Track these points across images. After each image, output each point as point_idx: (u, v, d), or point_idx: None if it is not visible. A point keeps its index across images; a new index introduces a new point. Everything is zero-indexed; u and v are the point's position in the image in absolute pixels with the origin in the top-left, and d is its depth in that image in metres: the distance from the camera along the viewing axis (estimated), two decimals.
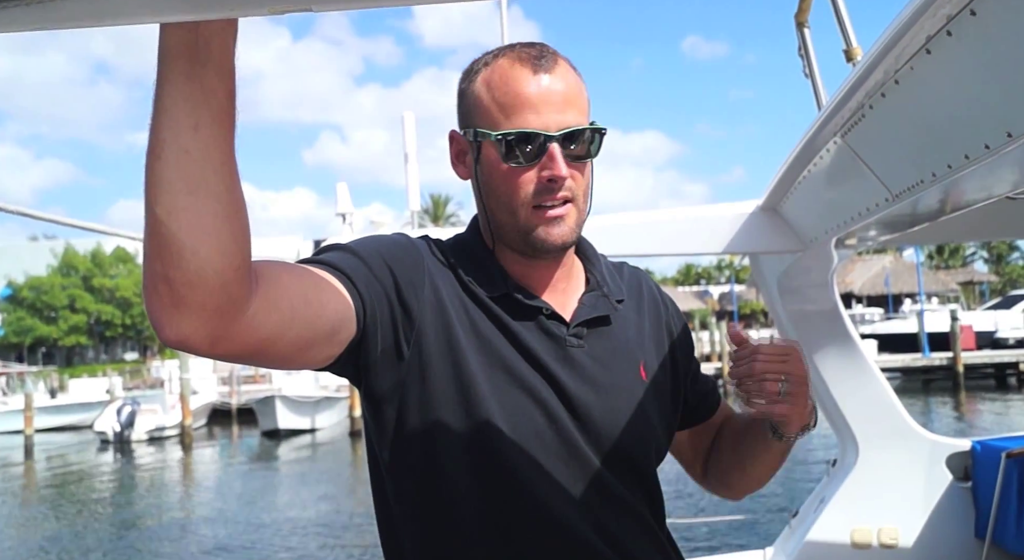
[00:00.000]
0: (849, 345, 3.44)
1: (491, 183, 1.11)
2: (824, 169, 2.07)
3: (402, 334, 1.04)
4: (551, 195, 1.08)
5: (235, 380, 28.10)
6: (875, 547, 3.45)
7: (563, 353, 1.12)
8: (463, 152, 1.15)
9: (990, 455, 3.43)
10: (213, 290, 0.76)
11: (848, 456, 3.57)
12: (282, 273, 0.89)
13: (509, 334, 1.10)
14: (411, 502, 1.10)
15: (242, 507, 13.56)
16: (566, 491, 1.09)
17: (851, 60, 1.95)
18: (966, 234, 3.32)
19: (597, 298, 1.18)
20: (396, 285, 1.03)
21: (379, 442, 1.11)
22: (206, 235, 0.74)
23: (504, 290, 1.12)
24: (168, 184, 0.72)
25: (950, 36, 1.18)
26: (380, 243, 1.08)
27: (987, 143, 1.25)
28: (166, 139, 0.71)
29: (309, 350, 0.93)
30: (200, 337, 0.78)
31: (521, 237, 1.10)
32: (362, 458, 18.83)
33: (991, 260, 65.90)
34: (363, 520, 12.12)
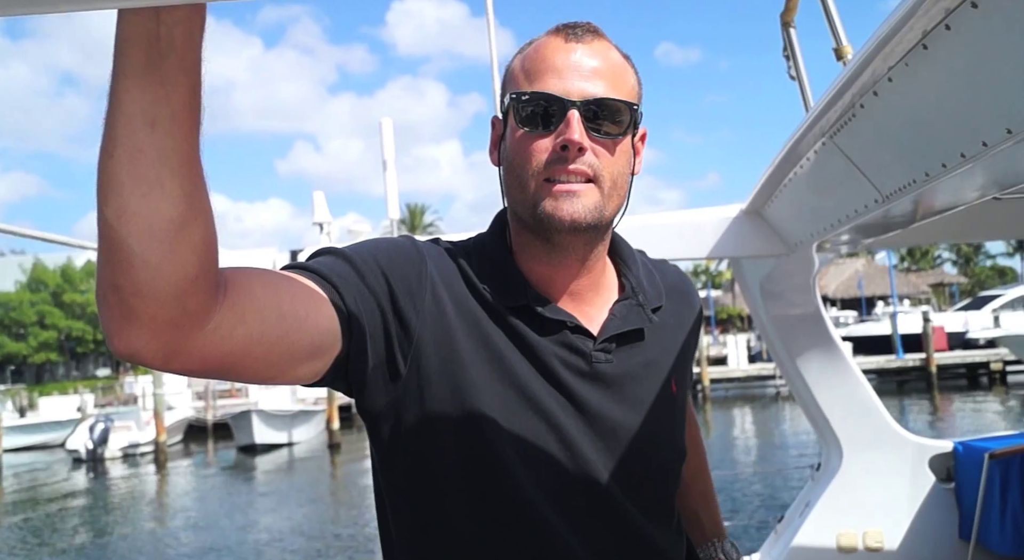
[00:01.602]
0: (832, 348, 3.44)
1: (509, 155, 1.02)
2: (811, 171, 2.06)
3: (398, 350, 0.95)
4: (564, 166, 0.97)
5: (211, 395, 27.70)
6: (861, 551, 3.44)
7: (588, 370, 1.02)
8: (499, 136, 1.06)
9: (972, 456, 3.45)
10: (164, 302, 0.70)
11: (832, 460, 3.56)
12: (255, 283, 0.81)
13: (527, 350, 1.00)
14: (409, 530, 1.02)
15: (218, 525, 13.33)
16: (581, 528, 1.00)
17: (841, 58, 1.93)
18: (948, 236, 3.34)
19: (630, 308, 1.07)
20: (392, 296, 0.94)
21: (378, 457, 1.04)
22: (158, 242, 0.67)
23: (524, 300, 1.02)
24: (119, 185, 0.66)
25: (949, 30, 1.16)
26: (378, 248, 0.98)
27: (985, 140, 1.23)
28: (119, 136, 0.65)
29: (285, 366, 0.85)
30: (151, 351, 0.72)
31: (531, 214, 0.99)
32: (341, 473, 18.66)
33: (959, 262, 67.00)
34: (343, 535, 11.97)
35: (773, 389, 28.53)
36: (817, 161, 1.99)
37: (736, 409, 25.63)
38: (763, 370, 30.05)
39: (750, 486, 12.47)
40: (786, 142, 2.06)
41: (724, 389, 30.24)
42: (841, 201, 1.97)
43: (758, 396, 28.90)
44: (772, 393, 28.38)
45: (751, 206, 2.61)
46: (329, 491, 16.44)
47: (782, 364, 3.50)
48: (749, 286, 3.38)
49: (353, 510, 13.84)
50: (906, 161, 1.54)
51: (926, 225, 2.18)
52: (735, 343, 32.49)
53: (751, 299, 3.43)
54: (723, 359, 32.30)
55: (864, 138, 1.67)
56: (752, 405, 26.47)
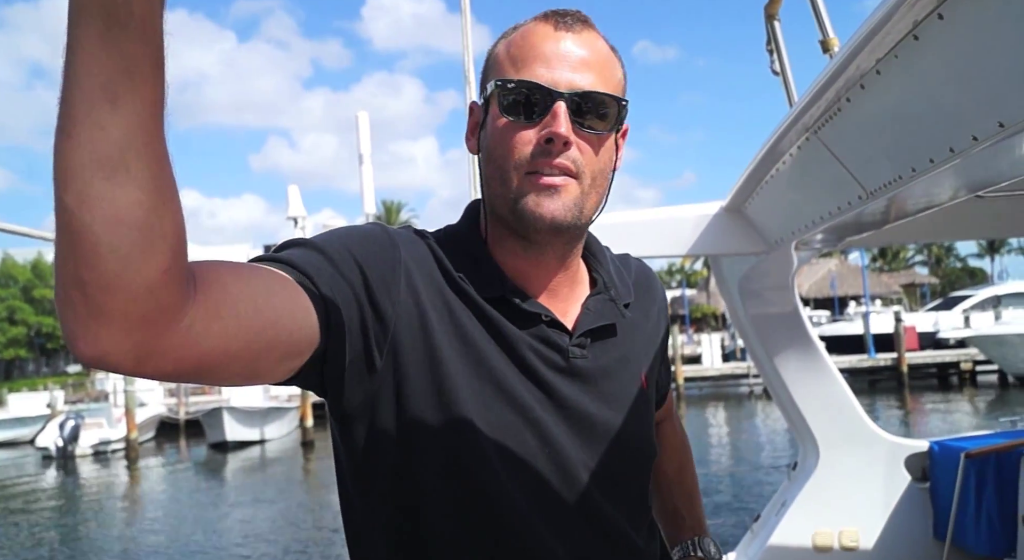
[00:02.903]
0: (810, 348, 3.43)
1: (489, 145, 0.98)
2: (793, 168, 2.03)
3: (374, 342, 0.90)
4: (548, 160, 0.93)
5: (183, 392, 27.40)
6: (836, 550, 3.44)
7: (565, 365, 1.00)
8: (477, 123, 1.02)
9: (948, 455, 3.46)
10: (136, 296, 0.63)
11: (809, 459, 3.56)
12: (227, 276, 0.75)
13: (503, 343, 0.96)
14: (382, 529, 0.98)
15: (189, 523, 13.17)
16: (557, 524, 0.96)
17: (828, 51, 1.91)
18: (930, 235, 3.34)
19: (604, 303, 1.05)
20: (367, 286, 0.89)
21: (348, 462, 0.99)
22: (127, 229, 0.61)
23: (500, 292, 0.98)
24: (80, 168, 0.60)
25: (941, 19, 1.12)
26: (349, 236, 0.93)
27: (975, 134, 1.21)
28: (77, 115, 0.59)
29: (261, 364, 0.79)
30: (122, 353, 0.65)
31: (511, 209, 0.95)
32: (314, 470, 18.52)
33: (930, 263, 68.02)
34: (316, 533, 11.88)
35: (746, 388, 28.77)
36: (800, 157, 1.96)
37: (710, 408, 25.80)
38: (737, 369, 30.29)
39: (724, 485, 12.55)
40: (768, 138, 2.03)
41: (698, 388, 30.43)
42: (824, 198, 1.94)
43: (732, 395, 29.12)
44: (745, 392, 28.61)
45: (731, 203, 2.59)
46: (302, 489, 16.31)
47: (760, 363, 3.48)
48: (728, 284, 3.36)
49: (326, 508, 13.74)
50: (892, 156, 1.52)
51: (908, 223, 2.16)
52: (709, 342, 32.71)
53: (729, 298, 3.42)
54: (697, 358, 32.52)
55: (849, 133, 1.64)
56: (726, 404, 26.66)
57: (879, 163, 1.58)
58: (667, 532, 1.27)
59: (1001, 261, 69.50)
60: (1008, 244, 66.99)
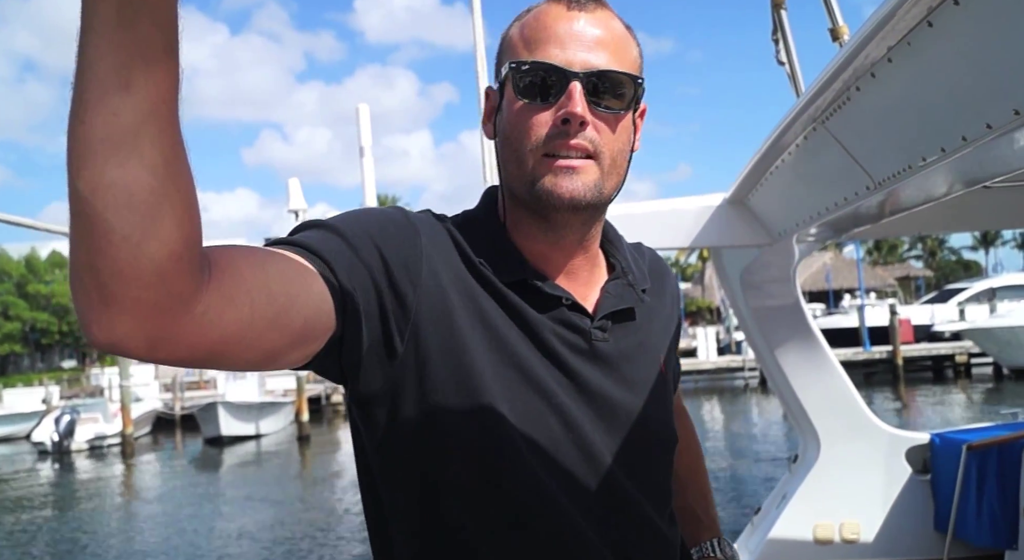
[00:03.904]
0: (811, 340, 3.43)
1: (505, 128, 0.97)
2: (799, 159, 2.01)
3: (394, 327, 0.88)
4: (565, 141, 0.92)
5: (178, 386, 27.35)
6: (837, 542, 3.44)
7: (587, 348, 0.98)
8: (493, 108, 1.01)
9: (949, 448, 3.46)
10: (149, 283, 0.63)
11: (810, 451, 3.56)
12: (241, 260, 0.75)
13: (525, 327, 0.95)
14: (406, 517, 0.96)
15: (185, 518, 13.15)
16: (585, 509, 0.95)
17: (837, 39, 1.89)
18: (935, 226, 3.33)
19: (622, 287, 1.04)
20: (387, 269, 0.88)
21: (370, 448, 0.97)
22: (139, 216, 0.61)
23: (521, 275, 0.96)
24: (93, 154, 0.59)
25: (957, 5, 1.11)
26: (369, 219, 0.91)
27: (990, 122, 1.19)
28: (91, 100, 0.59)
29: (276, 350, 0.78)
30: (136, 339, 0.65)
31: (529, 190, 0.95)
32: (309, 465, 18.51)
33: (925, 256, 68.22)
34: (310, 528, 11.88)
35: (742, 381, 28.81)
36: (806, 148, 1.94)
37: (705, 401, 25.83)
38: (732, 362, 30.33)
39: (722, 478, 12.57)
40: (773, 129, 2.01)
41: (694, 381, 30.47)
42: (830, 189, 1.93)
43: (727, 388, 29.16)
44: (741, 385, 28.65)
45: (735, 195, 2.57)
46: (298, 484, 16.29)
47: (761, 355, 3.48)
48: (729, 277, 3.35)
49: (322, 503, 13.73)
50: (902, 146, 1.50)
51: (910, 215, 2.15)
52: (704, 335, 32.74)
53: (731, 290, 3.40)
54: (692, 351, 32.53)
55: (858, 123, 1.62)
56: (721, 397, 26.70)
57: (888, 153, 1.57)
58: (683, 531, 1.26)
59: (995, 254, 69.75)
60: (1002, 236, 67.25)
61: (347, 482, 15.71)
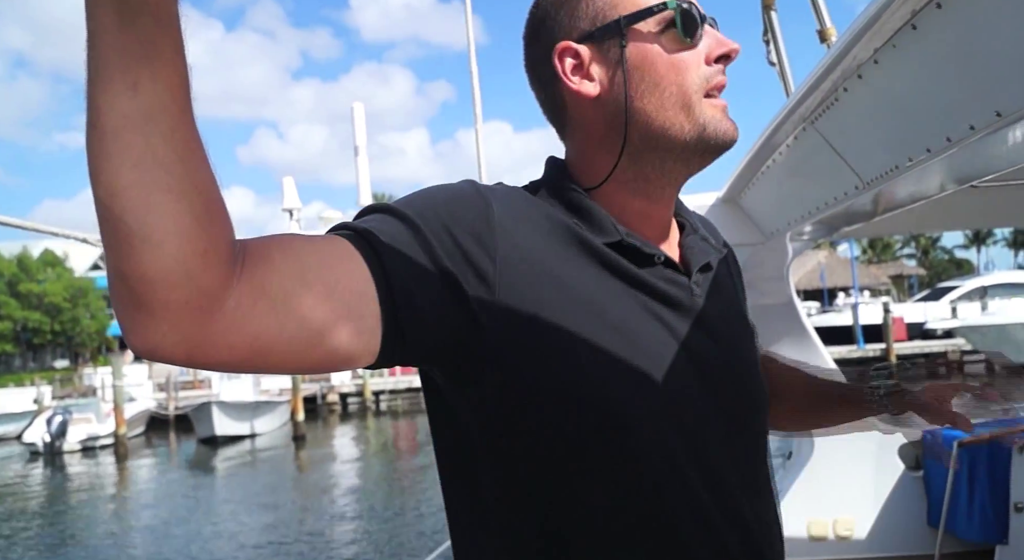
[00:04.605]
0: (804, 338, 3.45)
1: (654, 74, 0.92)
2: (790, 159, 2.03)
3: (475, 304, 0.83)
4: (722, 82, 0.93)
5: (173, 386, 27.29)
6: (831, 539, 3.47)
7: (690, 304, 0.95)
8: (581, 64, 0.95)
9: (941, 444, 3.48)
10: (175, 283, 0.63)
11: (803, 449, 3.58)
12: (275, 251, 0.72)
13: (629, 286, 0.91)
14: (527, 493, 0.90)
15: (178, 520, 13.12)
16: (706, 474, 0.92)
17: (825, 41, 1.91)
18: (925, 225, 3.37)
19: (698, 242, 1.01)
20: (459, 247, 0.83)
21: (474, 426, 0.92)
22: (158, 217, 0.61)
23: (616, 236, 0.92)
24: (108, 158, 0.60)
25: (940, 8, 1.13)
26: (435, 198, 0.87)
27: (972, 124, 1.21)
28: (101, 105, 0.60)
29: (328, 345, 0.74)
30: (172, 343, 0.65)
31: (698, 133, 0.92)
32: (305, 465, 18.49)
33: (918, 255, 68.51)
34: (308, 529, 11.87)
35: None
36: (797, 148, 1.96)
37: None
38: None
39: None
40: (764, 129, 2.03)
41: None
42: (820, 188, 1.95)
43: None
44: None
45: (727, 194, 2.59)
46: (293, 484, 16.27)
47: None
48: None
49: (317, 504, 13.73)
50: (889, 146, 1.52)
51: (900, 214, 2.17)
52: None
53: None
54: None
55: (846, 123, 1.64)
56: None
57: (876, 153, 1.59)
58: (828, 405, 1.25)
59: (987, 252, 70.17)
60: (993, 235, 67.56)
61: (343, 482, 15.70)
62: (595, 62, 0.94)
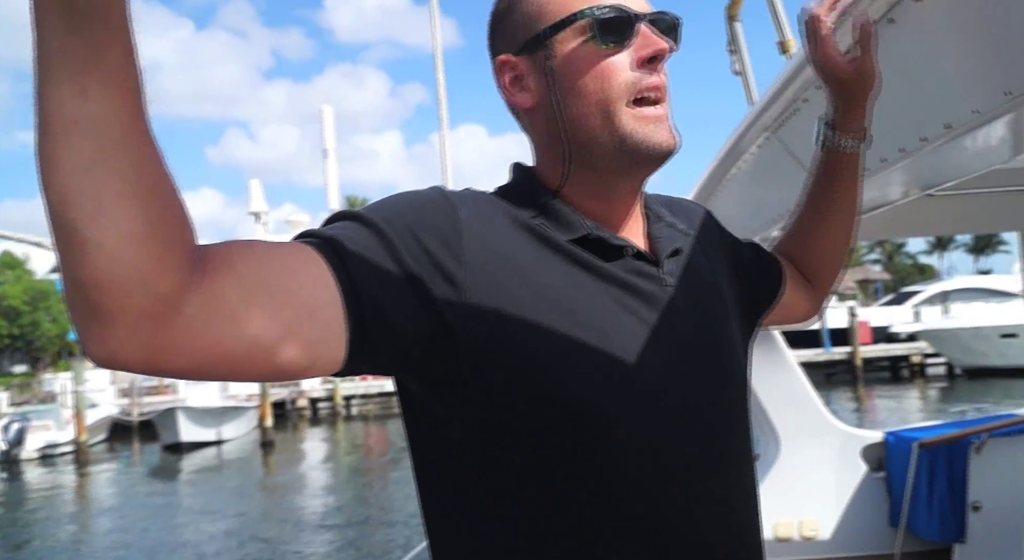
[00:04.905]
0: (770, 342, 3.50)
1: (576, 81, 0.91)
2: (754, 166, 2.07)
3: (444, 307, 0.83)
4: (652, 81, 0.90)
5: (136, 391, 26.81)
6: (796, 540, 3.52)
7: (661, 294, 0.95)
8: (519, 76, 0.96)
9: (902, 445, 3.55)
10: (132, 290, 0.61)
11: (770, 451, 3.63)
12: (236, 257, 0.71)
13: (598, 280, 0.92)
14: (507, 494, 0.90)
15: (140, 530, 12.88)
16: (686, 462, 0.92)
17: (786, 52, 1.94)
18: (881, 232, 3.44)
19: (666, 228, 1.02)
20: (426, 252, 0.83)
21: (432, 434, 0.93)
22: (111, 222, 0.59)
23: (583, 231, 0.92)
24: (58, 163, 0.59)
25: (893, 23, 1.16)
26: (402, 204, 0.87)
27: (923, 136, 1.24)
28: (50, 109, 0.59)
29: (290, 353, 0.72)
30: (129, 351, 0.64)
31: (618, 144, 0.91)
32: (274, 471, 18.28)
33: (882, 260, 69.74)
34: (272, 542, 11.73)
35: None
36: (760, 156, 2.00)
37: None
38: None
39: None
40: (729, 136, 2.07)
41: None
42: (783, 196, 1.98)
43: None
44: None
45: (695, 199, 2.62)
46: (260, 493, 16.06)
47: None
48: None
49: (286, 512, 13.58)
50: None
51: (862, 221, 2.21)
52: None
53: None
54: None
55: (807, 133, 1.67)
56: None
57: None
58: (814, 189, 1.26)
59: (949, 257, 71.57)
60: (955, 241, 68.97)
61: (311, 489, 15.55)
62: (530, 73, 0.95)
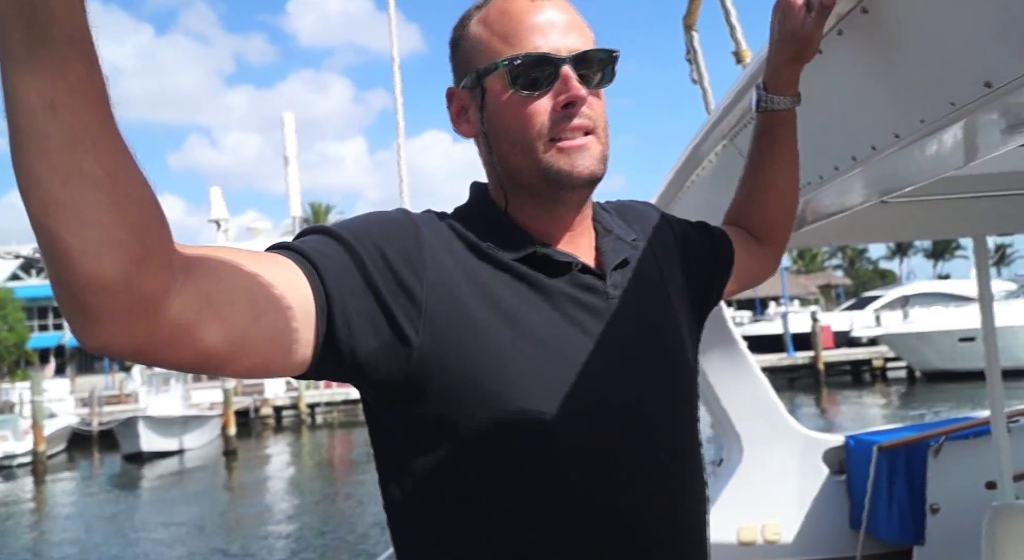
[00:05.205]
0: (732, 347, 3.53)
1: (501, 122, 1.00)
2: (713, 173, 2.08)
3: (404, 322, 0.90)
4: (569, 124, 0.97)
5: (96, 401, 26.27)
6: (759, 544, 3.54)
7: (605, 306, 1.01)
8: (464, 107, 1.05)
9: (862, 449, 3.60)
10: (117, 290, 0.65)
11: (733, 455, 3.65)
12: (221, 262, 0.77)
13: (544, 296, 0.98)
14: (453, 500, 0.96)
15: (98, 543, 12.61)
16: (629, 470, 0.98)
17: (741, 62, 1.96)
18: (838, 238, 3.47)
19: (613, 241, 1.08)
20: (390, 268, 0.90)
21: (401, 437, 0.98)
22: (91, 229, 0.63)
23: (530, 249, 0.99)
24: (36, 177, 0.62)
25: (841, 35, 1.17)
26: (370, 222, 0.95)
27: (874, 144, 1.25)
28: (21, 126, 0.61)
29: (269, 353, 0.79)
30: (120, 343, 0.69)
31: (542, 177, 0.98)
32: (237, 480, 18.01)
33: (844, 265, 70.96)
34: (235, 550, 11.57)
35: None
36: (719, 163, 2.01)
37: None
38: None
39: None
40: (689, 143, 2.08)
41: None
42: None
43: None
44: None
45: (657, 204, 2.63)
46: (223, 502, 15.82)
47: None
48: None
49: (249, 521, 13.38)
50: (807, 160, 1.56)
51: (821, 227, 2.24)
52: None
53: None
54: None
55: None
56: None
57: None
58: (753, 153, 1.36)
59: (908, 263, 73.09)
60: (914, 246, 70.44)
61: (274, 498, 15.35)
62: (471, 106, 1.04)
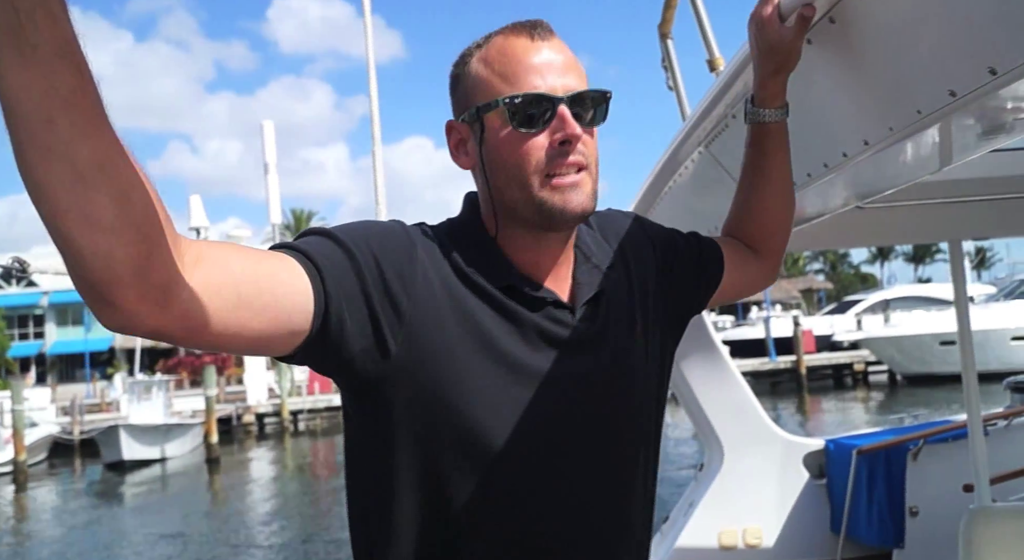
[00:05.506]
0: (713, 353, 3.55)
1: (498, 157, 1.05)
2: (690, 179, 2.10)
3: (387, 330, 0.97)
4: (564, 161, 1.02)
5: (78, 409, 25.99)
6: (741, 548, 3.56)
7: (573, 339, 1.08)
8: (463, 140, 1.10)
9: (842, 453, 3.63)
10: (130, 282, 0.71)
11: (714, 460, 3.67)
12: (232, 256, 0.85)
13: (516, 327, 1.05)
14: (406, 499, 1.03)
15: (78, 553, 12.45)
16: (583, 494, 1.06)
17: (714, 70, 1.97)
18: (815, 243, 3.51)
19: (590, 271, 1.14)
20: (383, 278, 0.96)
21: (367, 434, 1.05)
22: (101, 232, 0.68)
23: (508, 280, 1.06)
24: (44, 186, 0.66)
25: (810, 44, 1.18)
26: (369, 230, 1.01)
27: (845, 151, 1.27)
28: (23, 140, 0.64)
29: (264, 336, 0.88)
30: (136, 324, 0.76)
31: (536, 211, 1.04)
32: (220, 488, 17.87)
33: (826, 269, 71.50)
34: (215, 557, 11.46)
35: None
36: (695, 170, 2.03)
37: None
38: None
39: None
40: (666, 150, 2.09)
41: None
42: (719, 208, 2.01)
43: None
44: None
45: (636, 210, 2.65)
46: (205, 510, 15.67)
47: None
48: None
49: (231, 530, 13.27)
50: None
51: (799, 232, 2.26)
52: None
53: None
54: None
55: (737, 147, 1.70)
56: None
57: None
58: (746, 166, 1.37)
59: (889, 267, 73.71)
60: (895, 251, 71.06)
61: (257, 506, 15.23)
62: (469, 140, 1.09)
